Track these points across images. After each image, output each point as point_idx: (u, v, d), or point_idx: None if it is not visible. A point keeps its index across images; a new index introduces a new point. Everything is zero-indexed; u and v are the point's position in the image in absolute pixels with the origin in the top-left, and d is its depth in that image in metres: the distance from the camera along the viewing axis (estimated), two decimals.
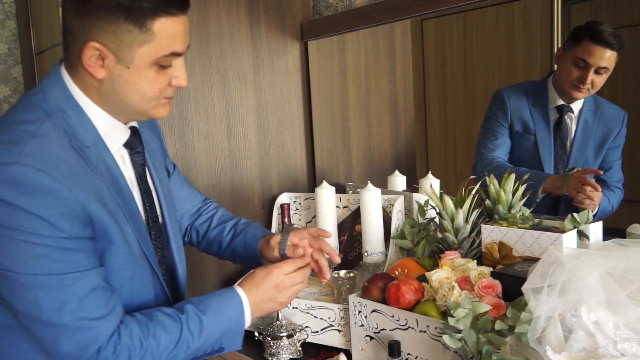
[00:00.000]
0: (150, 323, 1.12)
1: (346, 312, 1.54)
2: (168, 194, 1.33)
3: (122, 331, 1.08)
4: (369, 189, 1.76)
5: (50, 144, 1.06)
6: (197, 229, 1.52)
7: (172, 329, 1.13)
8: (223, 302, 1.20)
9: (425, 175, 1.98)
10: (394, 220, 1.76)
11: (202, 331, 1.15)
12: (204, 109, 1.97)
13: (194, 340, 1.14)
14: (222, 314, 1.18)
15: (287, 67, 2.17)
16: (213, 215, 1.53)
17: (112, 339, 1.07)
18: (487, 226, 1.50)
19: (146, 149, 1.29)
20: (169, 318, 1.14)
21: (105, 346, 1.07)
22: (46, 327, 1.04)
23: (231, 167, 2.04)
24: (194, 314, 1.16)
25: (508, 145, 1.81)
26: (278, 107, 2.15)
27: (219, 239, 1.49)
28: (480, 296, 1.29)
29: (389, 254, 1.73)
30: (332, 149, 2.28)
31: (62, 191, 1.02)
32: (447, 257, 1.48)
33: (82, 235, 1.06)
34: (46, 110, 1.10)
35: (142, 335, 1.10)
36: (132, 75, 1.10)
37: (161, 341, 1.11)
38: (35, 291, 1.03)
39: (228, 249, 1.48)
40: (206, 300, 1.19)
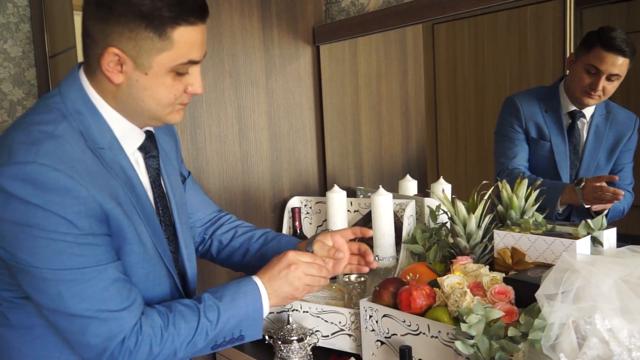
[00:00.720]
0: (170, 313, 1.14)
1: (357, 316, 1.53)
2: (180, 198, 1.33)
3: (143, 322, 1.10)
4: (381, 193, 1.76)
5: (66, 144, 1.08)
6: (219, 239, 1.51)
7: (190, 317, 1.14)
8: (239, 289, 1.20)
9: (436, 180, 1.97)
10: (405, 225, 1.76)
11: (220, 318, 1.16)
12: (216, 113, 1.97)
13: (212, 327, 1.15)
14: (239, 300, 1.19)
15: (299, 71, 2.17)
16: (238, 225, 1.53)
17: (135, 329, 1.09)
18: (500, 232, 1.49)
19: (161, 155, 1.29)
20: (187, 308, 1.16)
21: (129, 337, 1.08)
22: (71, 320, 1.06)
23: (242, 170, 2.04)
24: (211, 302, 1.17)
25: (527, 151, 1.80)
26: (290, 111, 2.15)
27: (246, 245, 1.48)
28: (493, 302, 1.28)
29: (400, 259, 1.72)
30: (343, 153, 2.28)
31: (78, 190, 1.04)
32: (459, 263, 1.47)
33: (99, 232, 1.07)
34: (63, 111, 1.12)
35: (162, 325, 1.11)
36: (149, 81, 1.11)
37: (181, 330, 1.13)
38: (58, 286, 1.04)
39: (257, 254, 1.46)
40: (223, 289, 1.21)
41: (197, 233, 1.52)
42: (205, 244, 1.53)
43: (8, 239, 1.04)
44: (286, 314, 1.62)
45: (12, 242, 1.03)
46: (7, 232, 1.03)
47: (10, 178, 1.01)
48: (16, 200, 1.01)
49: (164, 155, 1.32)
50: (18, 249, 1.03)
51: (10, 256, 1.05)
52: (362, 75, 2.30)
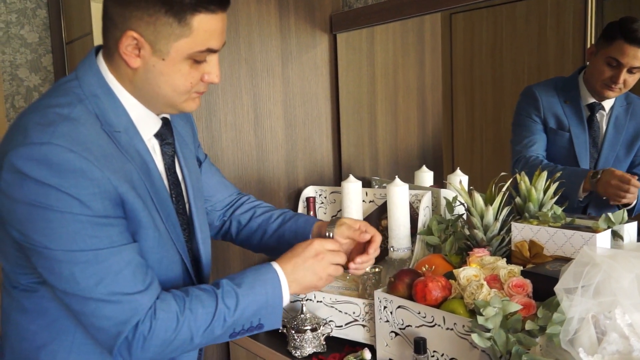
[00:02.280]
0: (187, 298, 1.12)
1: (371, 307, 1.53)
2: (197, 183, 1.33)
3: (158, 306, 1.09)
4: (397, 183, 1.75)
5: (82, 127, 1.07)
6: (238, 219, 1.50)
7: (208, 302, 1.13)
8: (259, 276, 1.18)
9: (452, 172, 1.96)
10: (421, 216, 1.75)
11: (238, 304, 1.14)
12: (231, 101, 1.97)
13: (230, 313, 1.14)
14: (258, 287, 1.17)
15: (316, 59, 2.16)
16: (256, 206, 1.51)
17: (149, 314, 1.08)
18: (518, 224, 1.48)
19: (177, 139, 1.29)
20: (205, 293, 1.14)
21: (143, 321, 1.07)
22: (84, 302, 1.06)
23: (257, 159, 2.04)
24: (229, 288, 1.15)
25: (545, 140, 1.78)
26: (305, 100, 2.14)
27: (264, 226, 1.46)
28: (510, 295, 1.28)
29: (415, 250, 1.72)
30: (359, 143, 2.27)
31: (93, 172, 1.03)
32: (476, 255, 1.47)
33: (113, 214, 1.07)
34: (79, 95, 1.12)
35: (178, 310, 1.10)
36: (166, 68, 1.11)
37: (198, 315, 1.11)
38: (71, 267, 1.04)
39: (274, 235, 1.44)
40: (242, 275, 1.19)
41: (216, 216, 1.51)
42: (225, 225, 1.52)
43: (22, 221, 1.03)
44: (300, 304, 1.63)
45: (26, 223, 1.03)
46: (21, 214, 1.03)
47: (25, 159, 1.01)
48: (31, 181, 1.01)
49: (181, 140, 1.32)
50: (32, 230, 1.03)
51: (25, 238, 1.05)
52: (379, 65, 2.29)
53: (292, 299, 1.69)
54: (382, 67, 2.30)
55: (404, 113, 2.38)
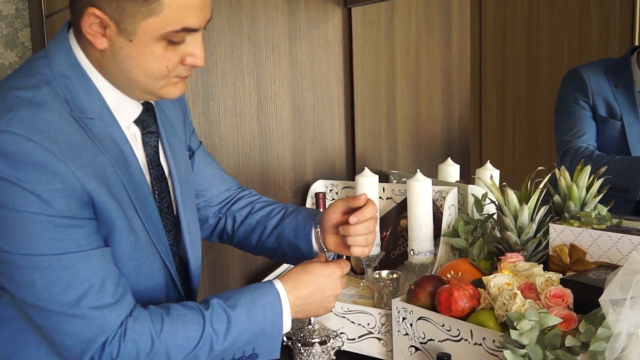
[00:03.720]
0: (167, 317, 1.09)
1: (388, 318, 1.53)
2: (185, 177, 1.31)
3: (129, 326, 1.07)
4: (418, 178, 1.74)
5: (46, 112, 1.05)
6: (234, 215, 1.47)
7: (192, 325, 1.10)
8: (257, 298, 1.16)
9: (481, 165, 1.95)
10: (446, 216, 1.74)
11: (230, 331, 1.12)
12: (232, 83, 1.96)
13: (219, 341, 1.11)
14: (256, 312, 1.14)
15: (327, 37, 2.15)
16: (256, 200, 1.49)
17: (118, 334, 1.06)
18: (557, 226, 1.48)
19: (163, 126, 1.27)
20: (190, 312, 1.11)
21: (111, 341, 1.05)
22: (45, 314, 1.04)
23: (261, 149, 2.04)
24: (220, 309, 1.12)
25: (595, 129, 1.77)
26: (315, 82, 2.14)
27: (263, 223, 1.43)
28: (548, 307, 1.27)
29: (439, 254, 1.71)
30: (376, 131, 2.26)
31: (56, 165, 1.02)
32: (508, 260, 1.46)
33: (79, 215, 1.05)
34: (47, 76, 1.10)
35: (154, 331, 1.07)
36: (135, 50, 1.08)
37: (178, 339, 1.09)
38: (31, 273, 1.02)
39: (273, 233, 1.42)
40: (237, 295, 1.16)
41: (211, 213, 1.49)
42: (220, 223, 1.49)
43: None
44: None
45: None
46: None
47: None
48: None
49: (168, 127, 1.30)
50: None
51: None
52: (399, 43, 2.28)
53: None
54: (403, 45, 2.29)
55: (427, 98, 2.38)
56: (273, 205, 1.48)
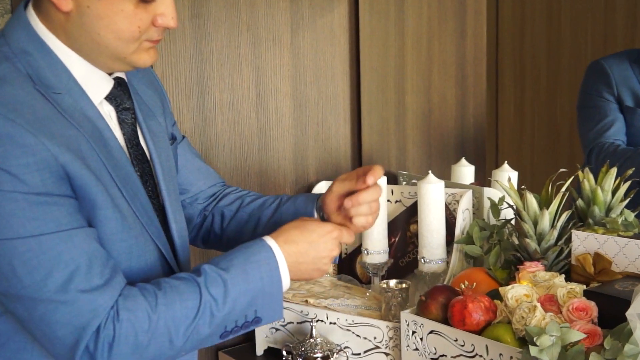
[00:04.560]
0: (159, 291, 1.09)
1: (396, 331, 1.53)
2: (167, 163, 1.30)
3: (121, 305, 1.06)
4: (430, 180, 1.74)
5: (7, 86, 1.05)
6: (222, 211, 1.46)
7: (188, 294, 1.09)
8: (250, 256, 1.16)
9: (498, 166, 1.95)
10: (459, 221, 1.74)
11: (228, 294, 1.11)
12: (229, 75, 1.96)
13: (219, 306, 1.10)
14: (251, 271, 1.14)
15: (332, 26, 2.15)
16: (245, 195, 1.49)
17: (111, 315, 1.05)
18: (580, 232, 1.47)
19: (138, 106, 1.26)
20: (183, 283, 1.11)
21: (105, 325, 1.04)
22: (31, 305, 1.03)
23: (260, 147, 2.03)
24: (214, 274, 1.12)
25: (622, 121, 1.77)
26: (319, 75, 2.14)
27: (257, 214, 1.43)
28: (571, 321, 1.27)
29: (452, 262, 1.71)
30: (384, 129, 2.26)
31: (24, 137, 1.01)
32: (527, 270, 1.46)
33: (57, 191, 1.04)
34: (5, 53, 1.10)
35: (149, 307, 1.07)
36: (104, 8, 1.08)
37: (176, 311, 1.08)
38: (10, 259, 1.01)
39: (270, 223, 1.41)
40: (229, 257, 1.15)
41: (197, 212, 1.48)
42: (207, 221, 1.48)
43: None
44: (309, 325, 1.63)
45: None
46: None
47: None
48: None
49: (144, 109, 1.29)
50: None
51: None
52: (410, 34, 2.27)
53: (299, 320, 1.69)
54: (414, 36, 2.28)
55: (439, 93, 2.37)
56: (265, 197, 1.47)
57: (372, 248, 1.81)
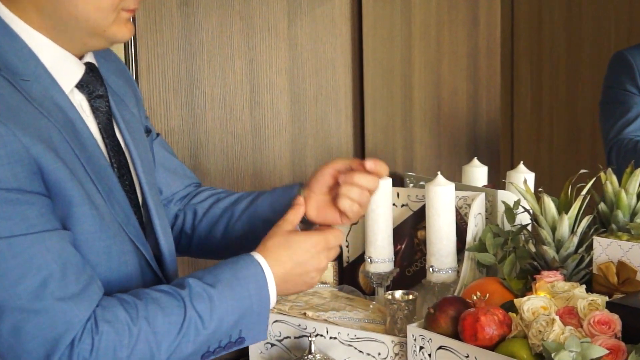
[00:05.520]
0: (140, 302, 1.08)
1: (402, 346, 1.53)
2: (145, 155, 1.31)
3: (99, 316, 1.05)
4: (439, 182, 1.74)
5: None
6: (194, 208, 1.47)
7: (171, 309, 1.09)
8: (238, 271, 1.16)
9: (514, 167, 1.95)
10: (471, 226, 1.74)
11: (214, 311, 1.11)
12: (220, 69, 1.96)
13: (204, 323, 1.11)
14: (239, 287, 1.15)
15: (333, 15, 2.15)
16: (220, 192, 1.50)
17: (88, 327, 1.04)
18: (602, 239, 1.47)
19: (112, 96, 1.27)
20: (165, 295, 1.11)
21: (80, 337, 1.04)
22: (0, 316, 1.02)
23: (254, 146, 2.04)
24: (199, 289, 1.12)
25: None
26: (319, 68, 2.14)
27: (230, 209, 1.43)
28: (592, 335, 1.27)
29: (463, 272, 1.71)
30: (389, 126, 2.26)
31: None
32: (545, 280, 1.46)
33: (29, 188, 1.03)
34: None
35: (129, 319, 1.06)
36: None
37: (157, 325, 1.08)
38: None
39: (244, 216, 1.42)
40: (214, 271, 1.16)
41: (171, 214, 1.48)
42: (178, 220, 1.48)
43: None
44: (307, 340, 1.62)
45: None
46: None
47: None
48: None
49: (117, 99, 1.29)
50: None
51: None
52: (418, 23, 2.28)
53: (297, 335, 1.69)
54: (422, 25, 2.29)
55: (450, 87, 2.38)
56: (242, 193, 1.48)
57: (376, 256, 1.81)
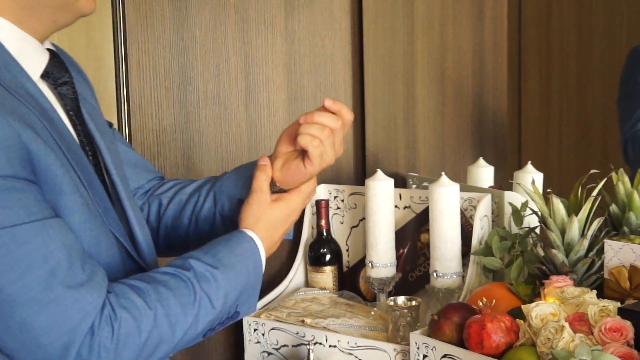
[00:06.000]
0: (149, 286, 1.11)
1: (405, 355, 1.53)
2: (112, 145, 1.31)
3: (114, 303, 1.06)
4: (443, 183, 1.74)
5: None
6: (159, 199, 1.49)
7: (181, 290, 1.12)
8: (234, 249, 1.22)
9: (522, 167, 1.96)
10: (477, 229, 1.75)
11: (219, 291, 1.16)
12: (214, 64, 1.96)
13: (213, 304, 1.15)
14: (238, 264, 1.20)
15: (332, 8, 2.15)
16: (182, 181, 1.52)
17: (105, 314, 1.05)
18: (614, 242, 1.47)
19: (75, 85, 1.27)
20: (171, 278, 1.14)
21: (99, 324, 1.04)
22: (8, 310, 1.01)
23: (249, 145, 2.04)
24: (203, 270, 1.16)
25: None
26: (317, 64, 2.14)
27: (196, 193, 1.46)
28: (604, 343, 1.27)
29: (468, 277, 1.72)
30: (391, 125, 2.26)
31: None
32: (554, 285, 1.46)
33: (22, 175, 1.03)
34: None
35: (144, 304, 1.09)
36: None
37: (171, 308, 1.10)
38: None
39: (209, 197, 1.45)
40: (211, 252, 1.20)
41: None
42: (142, 212, 1.49)
43: None
44: (306, 349, 1.63)
45: None
46: None
47: None
48: None
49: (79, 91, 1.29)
50: None
51: None
52: (421, 16, 2.28)
53: (296, 343, 1.69)
54: (425, 19, 2.29)
55: (455, 83, 2.37)
56: (207, 177, 1.51)
57: (377, 261, 1.81)
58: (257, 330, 1.78)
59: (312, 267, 1.96)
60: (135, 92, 1.84)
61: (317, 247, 1.97)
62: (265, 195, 1.30)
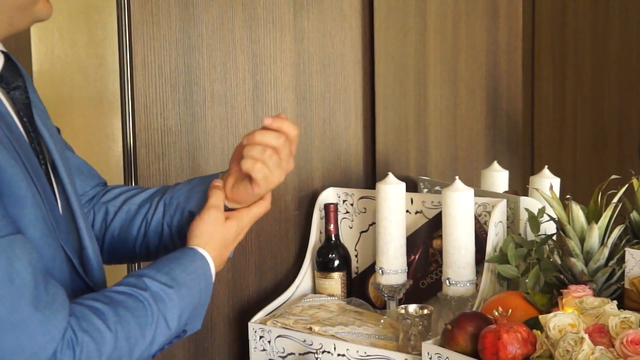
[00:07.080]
0: (107, 307, 1.10)
1: None
2: (62, 151, 1.30)
3: (75, 326, 1.06)
4: (457, 187, 1.74)
5: None
6: (105, 207, 1.47)
7: (139, 311, 1.13)
8: (186, 267, 1.23)
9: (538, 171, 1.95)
10: (491, 236, 1.74)
11: (174, 311, 1.17)
12: (221, 64, 1.96)
13: (169, 324, 1.16)
14: (192, 284, 1.22)
15: (342, 6, 2.15)
16: (129, 189, 1.51)
17: (67, 338, 1.04)
18: (635, 251, 1.47)
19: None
20: (129, 298, 1.13)
21: (62, 350, 1.04)
22: None
23: None
24: (158, 289, 1.16)
25: None
26: (327, 64, 2.14)
27: (147, 203, 1.46)
28: (625, 356, 1.26)
29: (482, 285, 1.71)
30: (402, 126, 2.26)
31: None
32: (573, 295, 1.46)
33: None
34: None
35: (105, 327, 1.08)
36: None
37: (131, 330, 1.11)
38: None
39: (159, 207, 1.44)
40: (165, 269, 1.20)
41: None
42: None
43: None
44: (313, 357, 1.64)
45: None
46: None
47: None
48: None
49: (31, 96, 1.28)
50: None
51: None
52: (433, 15, 2.28)
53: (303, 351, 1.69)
54: (438, 18, 2.29)
55: (467, 84, 2.37)
56: (158, 187, 1.50)
57: (387, 267, 1.81)
58: (263, 337, 1.77)
59: (320, 273, 1.96)
60: (140, 91, 1.84)
61: (325, 253, 1.97)
62: (221, 213, 1.31)
